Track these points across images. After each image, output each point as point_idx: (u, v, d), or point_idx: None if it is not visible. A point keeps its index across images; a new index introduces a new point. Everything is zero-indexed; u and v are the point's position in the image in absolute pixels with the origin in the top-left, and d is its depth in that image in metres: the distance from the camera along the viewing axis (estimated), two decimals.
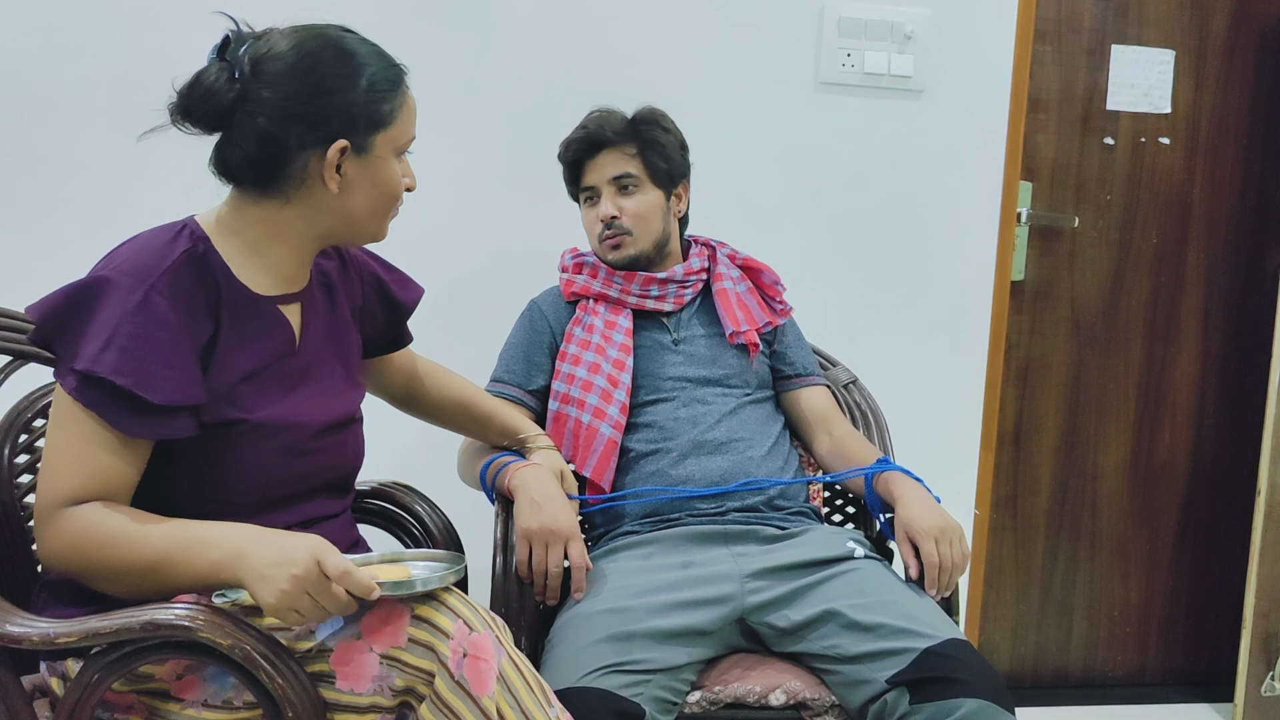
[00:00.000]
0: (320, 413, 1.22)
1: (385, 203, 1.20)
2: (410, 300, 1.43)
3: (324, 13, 1.23)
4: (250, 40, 1.14)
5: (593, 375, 1.61)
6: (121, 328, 1.04)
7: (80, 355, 1.03)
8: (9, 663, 1.05)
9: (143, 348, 1.04)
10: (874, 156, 2.17)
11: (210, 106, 1.11)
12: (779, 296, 1.75)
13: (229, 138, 1.14)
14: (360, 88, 1.14)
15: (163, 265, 1.08)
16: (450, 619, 1.03)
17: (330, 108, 1.12)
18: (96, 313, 1.05)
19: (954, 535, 1.43)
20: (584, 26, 2.05)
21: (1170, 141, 2.39)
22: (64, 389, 1.05)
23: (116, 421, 1.04)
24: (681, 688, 1.33)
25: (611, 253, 1.68)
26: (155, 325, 1.05)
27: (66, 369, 1.05)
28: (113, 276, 1.06)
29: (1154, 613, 2.55)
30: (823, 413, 1.71)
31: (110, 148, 1.93)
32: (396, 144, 1.19)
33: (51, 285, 1.08)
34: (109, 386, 1.03)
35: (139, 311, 1.05)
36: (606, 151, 1.66)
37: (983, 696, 1.23)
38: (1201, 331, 2.46)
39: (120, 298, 1.05)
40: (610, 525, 1.59)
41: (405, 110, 1.19)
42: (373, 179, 1.17)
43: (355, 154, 1.15)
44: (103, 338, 1.03)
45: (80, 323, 1.05)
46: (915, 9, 2.13)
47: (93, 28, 1.91)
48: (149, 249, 1.10)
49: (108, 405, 1.04)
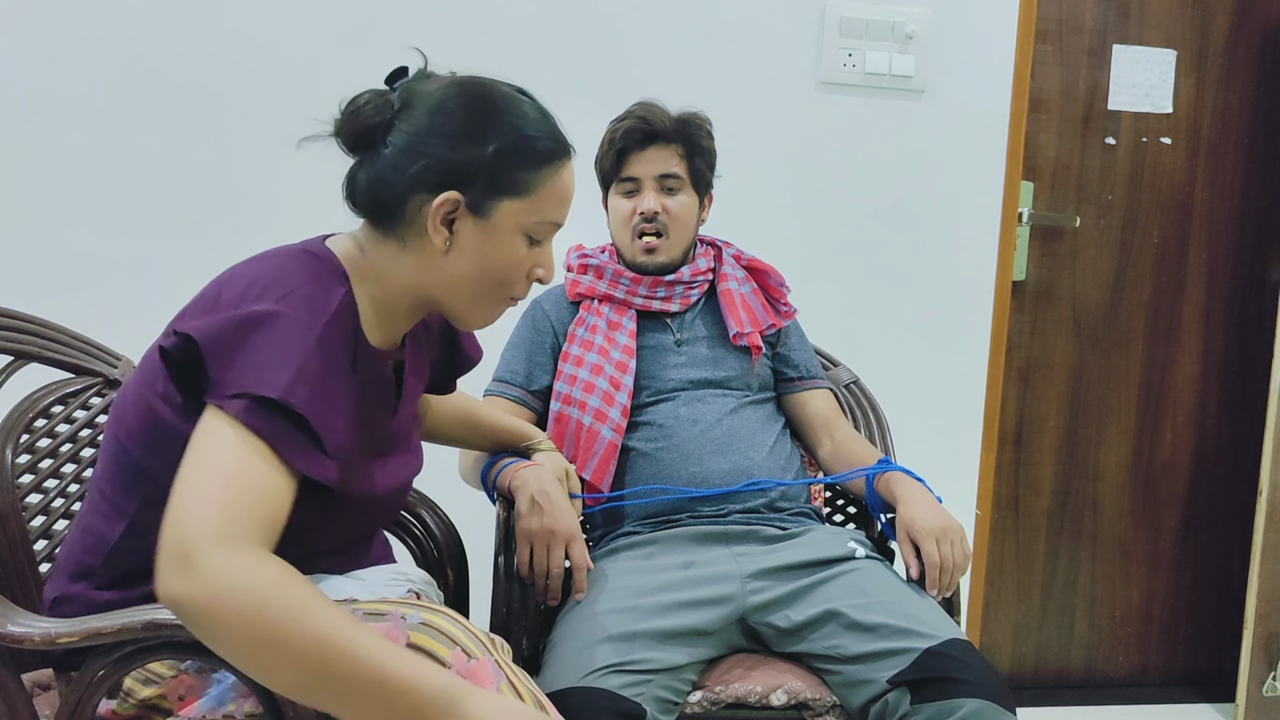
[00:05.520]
0: (397, 480, 1.15)
1: (490, 281, 1.08)
2: (473, 358, 1.37)
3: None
4: (419, 76, 1.09)
5: (594, 377, 1.61)
6: (309, 364, 0.93)
7: (265, 380, 0.91)
8: (10, 662, 1.05)
9: (326, 388, 0.95)
10: (875, 156, 2.17)
11: (353, 126, 1.06)
12: (783, 298, 1.75)
13: (361, 162, 1.08)
14: (492, 145, 1.04)
15: (332, 306, 0.98)
16: (446, 646, 0.99)
17: (452, 155, 1.04)
18: (274, 343, 0.93)
19: (955, 535, 1.43)
20: (585, 27, 2.05)
21: (1172, 141, 2.39)
22: (228, 411, 0.91)
23: (289, 456, 0.92)
24: (683, 688, 1.33)
25: (643, 255, 1.65)
26: (334, 367, 0.97)
27: (235, 392, 0.92)
28: (284, 311, 0.95)
29: (1155, 613, 2.55)
30: (825, 416, 1.71)
31: (111, 148, 1.93)
32: (525, 222, 1.07)
33: (52, 285, 1.08)
34: (295, 420, 0.92)
35: (320, 350, 0.95)
36: (657, 146, 1.63)
37: (984, 697, 1.23)
38: (1203, 331, 2.46)
39: (299, 332, 0.94)
40: (611, 526, 1.59)
41: (550, 190, 1.09)
42: (485, 248, 1.06)
43: (472, 214, 1.05)
44: (292, 369, 0.92)
45: (256, 349, 0.93)
46: (916, 9, 2.13)
47: (93, 28, 1.91)
48: (309, 285, 0.99)
49: (283, 438, 0.92)
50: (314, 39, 1.94)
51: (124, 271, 1.94)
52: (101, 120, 1.92)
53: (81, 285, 1.94)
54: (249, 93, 1.96)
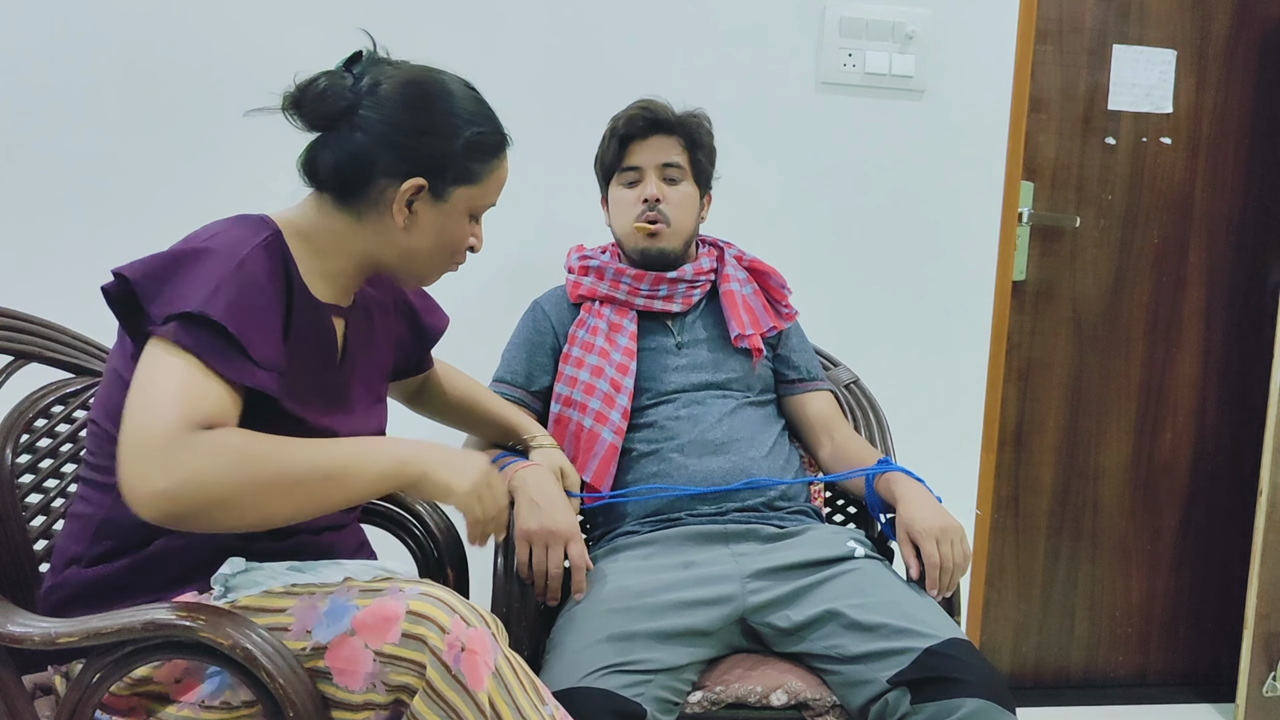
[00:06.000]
0: (350, 431, 1.22)
1: (444, 254, 1.23)
2: (437, 328, 1.47)
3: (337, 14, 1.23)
4: (379, 62, 1.19)
5: (595, 379, 1.61)
6: (227, 282, 1.04)
7: (187, 299, 1.02)
8: (10, 662, 1.05)
9: (245, 302, 1.05)
10: (875, 157, 2.17)
11: (320, 106, 1.15)
12: (785, 300, 1.75)
13: (325, 141, 1.17)
14: (461, 140, 1.17)
15: (254, 242, 1.09)
16: (446, 614, 1.03)
17: (426, 147, 1.16)
18: (197, 271, 1.05)
19: (955, 535, 1.43)
20: (585, 27, 2.05)
21: (1172, 141, 2.38)
22: (159, 335, 1.02)
23: (216, 364, 1.02)
24: (683, 688, 1.33)
25: (646, 240, 1.65)
26: (254, 288, 1.07)
27: (164, 317, 1.03)
28: (210, 246, 1.07)
29: (1155, 613, 2.55)
30: (825, 418, 1.71)
31: (111, 148, 1.93)
32: (474, 204, 1.23)
33: (53, 285, 1.08)
34: (216, 329, 1.02)
35: (240, 271, 1.06)
36: (660, 136, 1.65)
37: (984, 696, 1.23)
38: (1203, 331, 2.46)
39: (221, 260, 1.05)
40: (611, 525, 1.59)
41: (494, 177, 1.23)
42: (440, 227, 1.20)
43: (431, 197, 1.18)
44: (210, 287, 1.03)
45: (181, 279, 1.04)
46: (917, 9, 2.13)
47: (95, 28, 1.91)
48: (235, 230, 1.11)
49: (208, 348, 1.02)
50: (314, 39, 1.94)
51: None
52: (101, 120, 1.92)
53: (81, 285, 1.94)
54: (249, 93, 1.96)
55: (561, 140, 1.78)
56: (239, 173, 1.97)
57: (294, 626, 1.04)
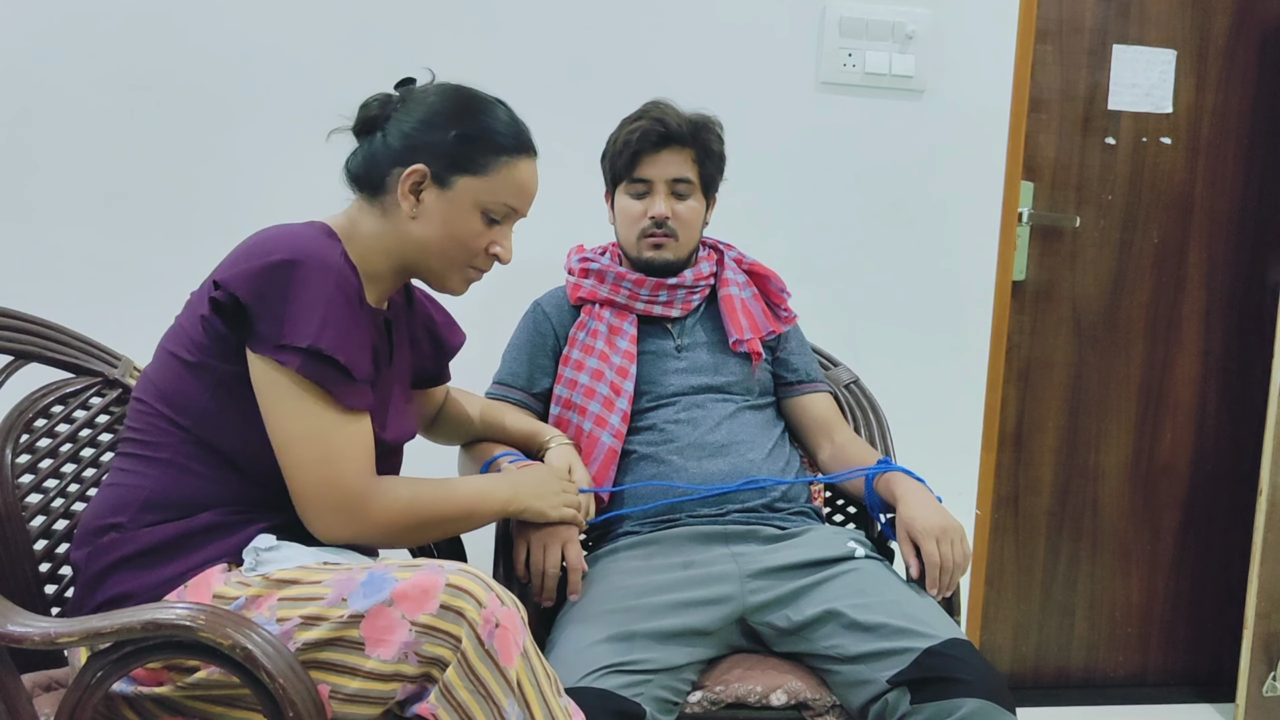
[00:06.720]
0: (392, 431, 1.28)
1: (456, 249, 1.26)
2: (455, 344, 1.51)
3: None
4: (426, 85, 1.29)
5: (595, 383, 1.61)
6: (331, 307, 1.10)
7: (300, 332, 1.09)
8: (10, 662, 1.05)
9: (346, 326, 1.12)
10: (875, 156, 2.17)
11: (361, 115, 1.27)
12: (784, 304, 1.75)
13: (362, 144, 1.27)
14: (459, 130, 1.23)
15: (336, 254, 1.14)
16: (484, 590, 1.05)
17: (427, 135, 1.22)
18: (298, 291, 1.09)
19: (955, 535, 1.43)
20: (585, 27, 2.05)
21: (1172, 141, 2.39)
22: (283, 365, 1.10)
23: (342, 396, 1.12)
24: (682, 688, 1.33)
25: (650, 251, 1.65)
26: (348, 305, 1.13)
27: (282, 345, 1.09)
28: (301, 259, 1.10)
29: (1155, 613, 2.55)
30: (825, 420, 1.71)
31: (111, 148, 1.93)
32: (482, 198, 1.25)
33: (53, 285, 1.08)
34: (330, 363, 1.10)
35: (337, 291, 1.11)
36: (671, 150, 1.62)
37: (984, 696, 1.23)
38: (1203, 331, 2.46)
39: (318, 277, 1.10)
40: (611, 525, 1.58)
41: (505, 175, 1.25)
42: (446, 217, 1.23)
43: (436, 185, 1.23)
44: (317, 316, 1.09)
45: (283, 300, 1.09)
46: (917, 9, 2.13)
47: (94, 28, 1.91)
48: (312, 240, 1.14)
49: (334, 382, 1.12)
50: (314, 40, 1.94)
51: (124, 271, 1.94)
52: (101, 120, 1.92)
53: (81, 285, 1.94)
54: (250, 94, 1.96)
55: (562, 139, 1.77)
56: (242, 172, 1.97)
57: (329, 595, 1.05)
